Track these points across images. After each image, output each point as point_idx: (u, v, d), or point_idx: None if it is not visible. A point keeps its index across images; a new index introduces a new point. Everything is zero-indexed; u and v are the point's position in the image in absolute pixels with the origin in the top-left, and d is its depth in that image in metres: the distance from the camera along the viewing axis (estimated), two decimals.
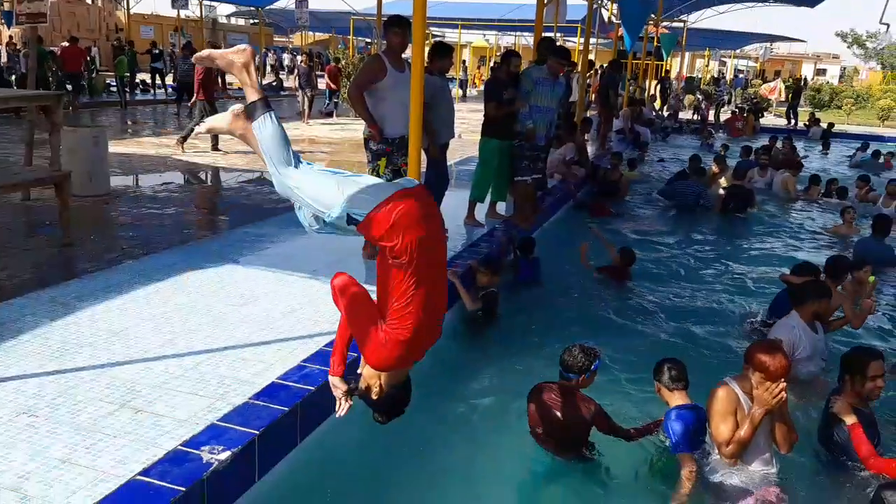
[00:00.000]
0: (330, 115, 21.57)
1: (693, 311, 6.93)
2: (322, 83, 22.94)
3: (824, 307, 5.26)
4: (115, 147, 12.14)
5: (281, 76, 34.79)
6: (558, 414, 4.02)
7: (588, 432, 4.07)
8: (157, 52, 25.44)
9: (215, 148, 12.98)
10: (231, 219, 8.09)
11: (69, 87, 18.22)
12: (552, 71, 8.09)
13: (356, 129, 8.87)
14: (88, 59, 22.17)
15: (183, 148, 12.56)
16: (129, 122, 17.98)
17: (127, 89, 22.41)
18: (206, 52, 2.88)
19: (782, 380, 3.63)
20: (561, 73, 8.32)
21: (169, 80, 26.05)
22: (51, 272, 5.68)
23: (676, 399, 4.00)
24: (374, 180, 2.90)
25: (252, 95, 2.79)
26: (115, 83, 22.07)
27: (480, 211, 8.39)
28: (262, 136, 2.78)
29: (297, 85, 21.80)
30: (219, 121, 2.94)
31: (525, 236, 7.75)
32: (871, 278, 7.02)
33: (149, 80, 25.86)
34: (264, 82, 28.36)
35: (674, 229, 10.77)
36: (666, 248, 9.49)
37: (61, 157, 7.89)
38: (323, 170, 2.91)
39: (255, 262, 6.25)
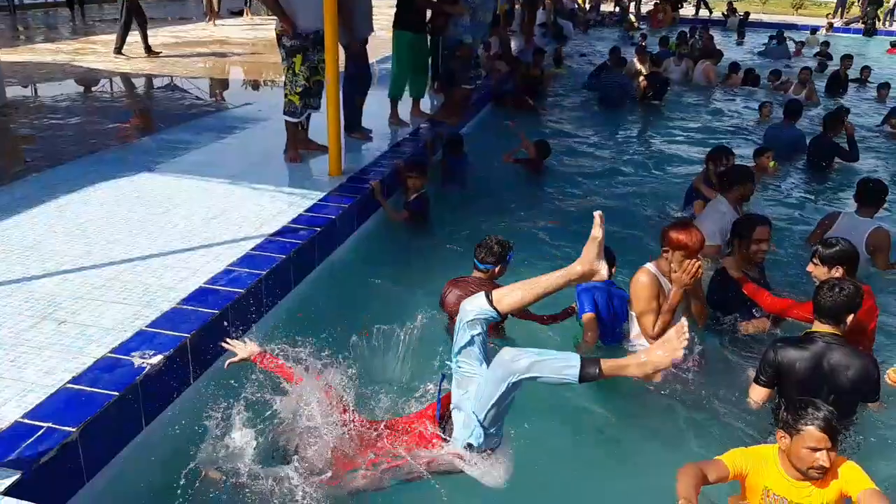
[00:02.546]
0: (240, 13, 20.36)
1: (610, 200, 7.14)
2: None
3: (749, 190, 5.51)
4: (7, 56, 11.24)
5: None
6: None
7: (504, 319, 4.17)
8: None
9: (118, 52, 12.16)
10: (142, 126, 7.71)
11: None
12: None
13: (269, 27, 8.44)
14: None
15: (123, 54, 11.81)
16: (21, 28, 16.54)
17: None
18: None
19: (697, 257, 3.83)
20: None
21: None
22: None
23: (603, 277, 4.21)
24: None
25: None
26: None
27: (405, 109, 8.26)
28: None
29: None
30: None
31: (452, 134, 7.71)
32: (772, 163, 7.37)
33: None
34: None
35: (595, 121, 10.93)
36: (586, 141, 9.66)
37: None
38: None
39: (171, 169, 6.03)
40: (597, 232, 2.74)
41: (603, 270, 2.78)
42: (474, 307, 2.86)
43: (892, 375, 3.46)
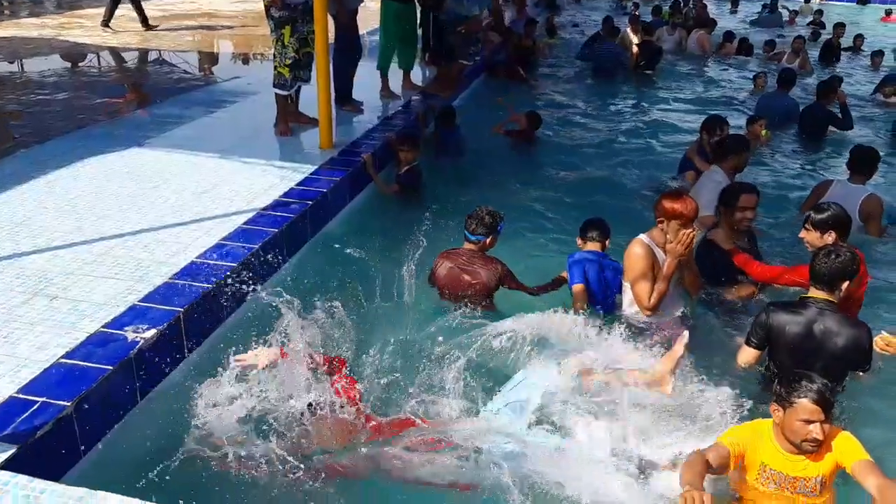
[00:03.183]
0: None
1: (603, 171, 7.13)
2: None
3: (744, 159, 5.51)
4: None
5: None
6: (467, 277, 4.13)
7: (495, 291, 4.21)
8: None
9: (106, 25, 11.97)
10: (130, 101, 7.62)
11: None
12: None
13: None
14: None
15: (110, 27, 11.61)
16: (5, 3, 16.25)
17: None
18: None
19: (692, 227, 3.82)
20: None
21: None
22: None
23: (590, 248, 4.22)
24: None
25: None
26: None
27: (396, 82, 8.18)
28: None
29: None
30: None
31: (445, 106, 7.65)
32: (765, 132, 7.35)
33: None
34: None
35: (588, 92, 10.87)
36: (579, 111, 9.61)
37: None
38: None
39: (161, 143, 5.97)
40: (679, 349, 2.69)
41: (668, 387, 2.76)
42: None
43: (879, 343, 3.49)
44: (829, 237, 3.81)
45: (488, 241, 4.20)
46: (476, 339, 3.64)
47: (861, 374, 3.44)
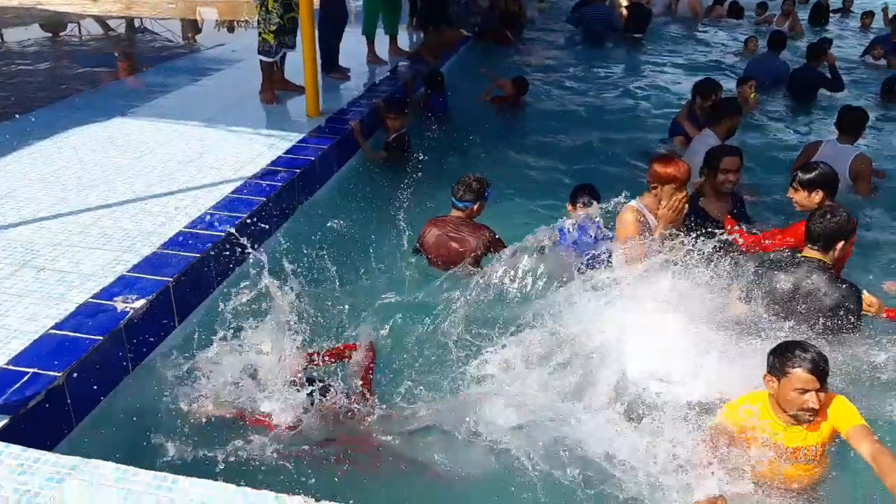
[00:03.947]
0: None
1: (592, 136, 7.09)
2: None
3: (736, 123, 5.51)
4: None
5: None
6: (455, 244, 4.12)
7: (483, 257, 4.19)
8: None
9: None
10: (112, 70, 7.50)
11: None
12: None
13: None
14: None
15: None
16: None
17: None
18: None
19: (685, 190, 3.80)
20: None
21: None
22: None
23: (580, 212, 4.23)
24: None
25: None
26: None
27: (382, 48, 8.08)
28: None
29: None
30: None
31: (433, 70, 7.57)
32: (753, 94, 7.33)
33: None
34: None
35: (577, 56, 10.77)
36: (567, 76, 9.52)
37: None
38: None
39: (145, 113, 5.90)
40: None
41: None
42: None
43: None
44: (817, 196, 3.82)
45: (476, 207, 4.19)
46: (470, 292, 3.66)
47: (848, 335, 3.45)
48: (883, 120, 7.95)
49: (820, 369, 2.61)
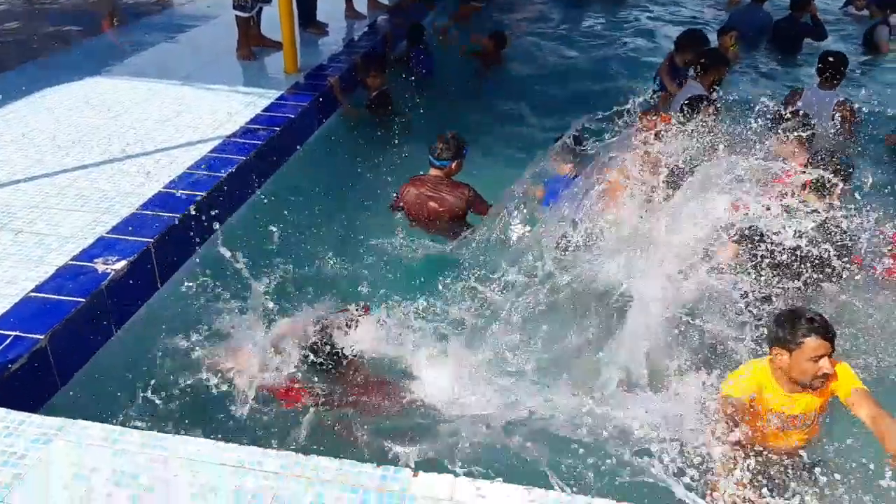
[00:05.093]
0: None
1: (574, 89, 7.03)
2: None
3: (722, 74, 5.52)
4: None
5: None
6: (434, 204, 4.10)
7: (465, 215, 4.20)
8: None
9: None
10: (84, 28, 7.29)
11: None
12: None
13: None
14: None
15: None
16: None
17: None
18: None
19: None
20: None
21: None
22: None
23: (565, 170, 4.21)
24: None
25: None
26: None
27: (361, 2, 7.92)
28: None
29: None
30: None
31: (414, 22, 7.42)
32: (733, 47, 7.27)
33: None
34: None
35: (557, 10, 10.60)
36: (548, 33, 9.38)
37: None
38: None
39: (119, 71, 5.77)
40: None
41: None
42: None
43: None
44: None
45: (454, 165, 4.16)
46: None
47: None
48: (866, 65, 7.97)
49: (830, 334, 2.57)
